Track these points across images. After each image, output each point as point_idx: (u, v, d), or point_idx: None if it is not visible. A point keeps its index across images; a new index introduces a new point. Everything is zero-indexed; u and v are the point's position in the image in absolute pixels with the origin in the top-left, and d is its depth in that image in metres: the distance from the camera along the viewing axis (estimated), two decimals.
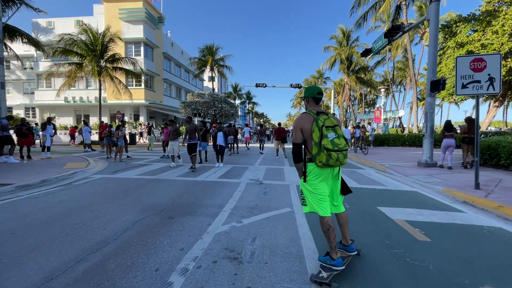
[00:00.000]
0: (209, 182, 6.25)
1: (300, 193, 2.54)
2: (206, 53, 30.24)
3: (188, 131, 8.27)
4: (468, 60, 5.56)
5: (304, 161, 2.34)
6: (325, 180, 2.31)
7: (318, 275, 2.16)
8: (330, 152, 2.13)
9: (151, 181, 6.36)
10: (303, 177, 2.35)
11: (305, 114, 2.36)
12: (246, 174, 7.53)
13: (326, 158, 2.14)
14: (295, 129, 2.34)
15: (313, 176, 2.29)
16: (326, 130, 2.20)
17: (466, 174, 7.37)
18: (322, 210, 2.28)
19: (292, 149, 2.39)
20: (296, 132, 2.33)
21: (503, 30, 15.40)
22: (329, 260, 2.24)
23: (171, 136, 8.67)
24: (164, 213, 3.93)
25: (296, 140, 2.34)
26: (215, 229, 3.28)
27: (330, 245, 2.25)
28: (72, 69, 19.90)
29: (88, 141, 14.66)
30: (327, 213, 2.28)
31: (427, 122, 8.72)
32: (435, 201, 4.89)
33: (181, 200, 4.64)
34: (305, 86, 32.86)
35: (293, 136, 2.43)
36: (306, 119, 2.30)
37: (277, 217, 3.76)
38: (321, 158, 2.16)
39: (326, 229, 2.26)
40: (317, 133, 2.19)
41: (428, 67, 8.80)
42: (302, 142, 2.33)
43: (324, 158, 2.15)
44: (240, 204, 4.41)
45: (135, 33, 25.90)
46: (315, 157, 2.19)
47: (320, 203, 2.28)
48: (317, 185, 2.29)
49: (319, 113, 2.31)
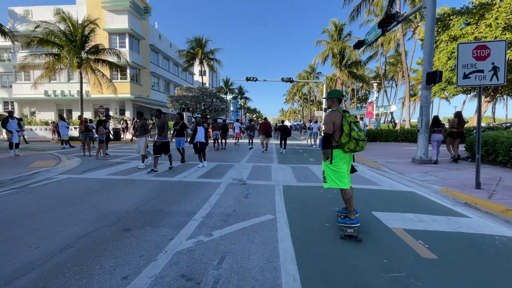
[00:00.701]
0: (186, 183, 5.61)
1: (322, 172, 3.14)
2: (194, 45, 29.16)
3: (156, 128, 7.03)
4: (470, 48, 5.05)
5: (331, 147, 2.97)
6: (346, 163, 3.01)
7: (346, 233, 2.88)
8: (358, 141, 2.83)
9: (120, 182, 5.68)
10: (328, 160, 2.98)
11: (335, 112, 2.95)
12: (230, 173, 6.92)
13: (354, 146, 2.84)
14: (327, 123, 2.93)
15: (339, 159, 2.96)
16: (353, 125, 2.85)
17: (463, 171, 6.97)
18: (344, 184, 2.95)
19: (323, 138, 2.99)
20: (329, 125, 2.92)
21: (496, 23, 15.12)
22: (348, 220, 2.96)
23: (138, 132, 7.41)
24: (122, 223, 3.28)
25: (328, 131, 2.93)
26: (176, 246, 2.66)
27: (349, 209, 2.99)
28: (50, 61, 18.67)
29: (66, 137, 13.70)
30: (347, 185, 2.97)
31: (422, 117, 8.27)
32: (435, 203, 4.40)
33: (147, 206, 3.99)
34: (297, 80, 32.24)
35: (325, 128, 2.97)
36: (337, 115, 2.91)
37: (255, 228, 3.17)
38: (350, 146, 2.85)
39: (348, 198, 2.97)
40: (347, 127, 2.83)
41: (424, 58, 8.31)
42: (332, 133, 2.92)
43: (352, 146, 2.84)
44: (215, 211, 3.80)
45: (119, 24, 24.62)
46: (345, 145, 2.86)
47: (342, 179, 2.96)
48: (341, 166, 2.97)
49: (344, 111, 2.94)
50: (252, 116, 78.98)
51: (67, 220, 3.38)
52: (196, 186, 5.37)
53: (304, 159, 10.01)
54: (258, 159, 9.75)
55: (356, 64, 32.74)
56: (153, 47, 29.62)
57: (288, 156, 10.82)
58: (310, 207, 4.05)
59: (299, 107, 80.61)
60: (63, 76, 25.67)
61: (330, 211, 3.85)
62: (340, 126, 2.87)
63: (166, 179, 5.97)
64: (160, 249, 2.60)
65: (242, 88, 60.46)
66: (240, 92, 60.65)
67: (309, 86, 59.91)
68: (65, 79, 25.65)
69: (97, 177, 6.23)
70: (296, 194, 4.84)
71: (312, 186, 5.45)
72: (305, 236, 2.95)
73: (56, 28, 18.04)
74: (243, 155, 11.23)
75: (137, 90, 26.37)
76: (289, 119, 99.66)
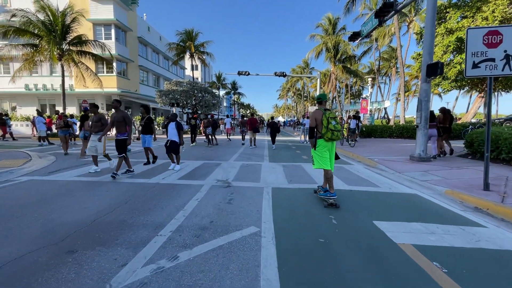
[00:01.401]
0: (162, 186, 4.96)
1: (311, 157, 4.10)
2: (185, 37, 28.07)
3: (114, 122, 5.68)
4: (481, 33, 4.51)
5: (316, 138, 3.93)
6: (328, 150, 3.91)
7: (328, 203, 3.81)
8: (333, 131, 3.75)
9: (89, 185, 5.00)
10: (314, 147, 3.96)
11: (317, 110, 3.94)
12: (215, 173, 6.30)
13: (331, 135, 3.75)
14: (311, 119, 3.94)
15: (322, 147, 3.89)
16: (331, 119, 3.77)
17: (466, 170, 6.52)
18: (327, 166, 3.88)
19: (309, 130, 3.98)
20: (312, 120, 3.92)
21: (493, 16, 14.76)
22: (329, 193, 3.87)
23: (93, 128, 6.10)
24: (68, 241, 2.64)
25: (312, 125, 3.94)
26: (126, 277, 2.04)
27: (330, 185, 3.90)
28: (28, 52, 17.50)
29: (43, 133, 12.78)
30: (329, 167, 3.89)
31: (421, 112, 7.78)
32: (442, 208, 3.89)
33: (110, 216, 3.35)
34: (290, 74, 31.61)
35: (310, 123, 3.97)
36: (318, 113, 3.88)
37: (234, 246, 2.58)
38: (327, 135, 3.77)
39: (329, 177, 3.89)
40: (326, 121, 3.76)
41: (424, 49, 7.79)
42: (315, 126, 3.91)
43: (329, 135, 3.76)
44: (189, 222, 3.18)
45: (104, 14, 23.38)
46: (324, 135, 3.79)
47: (325, 162, 3.87)
48: (324, 152, 3.89)
49: (326, 109, 3.87)
50: (245, 112, 78.13)
51: (0, 238, 2.72)
52: (174, 189, 4.74)
53: (296, 156, 9.46)
54: (248, 157, 9.14)
55: (350, 58, 32.28)
56: (142, 40, 28.43)
57: (280, 153, 10.26)
58: (301, 215, 3.48)
59: (293, 102, 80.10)
60: (45, 69, 24.36)
61: (325, 221, 3.29)
62: (321, 121, 3.81)
63: (141, 181, 5.31)
64: (103, 282, 1.98)
65: (235, 83, 59.46)
66: (234, 88, 59.61)
67: (302, 81, 59.33)
68: (47, 72, 24.34)
69: (64, 179, 5.52)
70: (287, 198, 4.27)
71: (305, 189, 4.88)
72: (295, 258, 2.37)
73: (35, 18, 16.88)
74: (233, 152, 10.61)
75: (124, 84, 25.28)
76: (283, 115, 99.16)
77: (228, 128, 17.85)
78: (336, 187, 5.02)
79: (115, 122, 5.60)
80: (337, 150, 11.38)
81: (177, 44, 28.48)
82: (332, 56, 30.05)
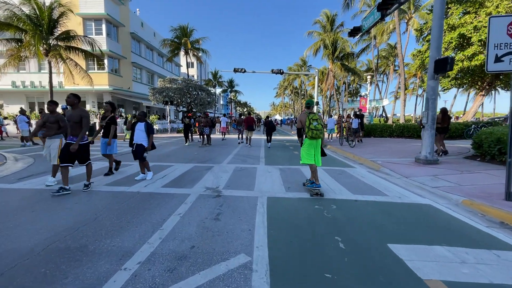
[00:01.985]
0: (143, 196, 4.35)
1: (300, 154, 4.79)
2: (179, 33, 27.27)
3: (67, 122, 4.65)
4: (506, 22, 3.96)
5: (302, 137, 4.75)
6: (312, 147, 4.59)
7: (314, 193, 4.43)
8: (313, 130, 4.41)
9: (57, 195, 4.36)
10: (301, 145, 4.77)
11: (303, 113, 4.68)
12: (205, 178, 5.70)
13: (311, 133, 4.41)
14: (298, 121, 4.74)
15: (307, 144, 4.60)
16: (312, 121, 4.44)
17: (477, 174, 6.00)
18: (311, 161, 4.57)
19: (297, 130, 4.80)
20: (299, 122, 4.72)
21: (497, 11, 14.28)
22: (315, 185, 4.55)
23: (48, 131, 4.89)
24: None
25: (298, 126, 4.74)
26: None
27: (315, 176, 4.58)
28: (13, 48, 16.65)
29: (25, 133, 12.05)
30: (313, 162, 4.57)
31: (428, 110, 7.25)
32: (464, 224, 3.35)
33: (68, 240, 2.74)
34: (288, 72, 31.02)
35: (297, 124, 4.78)
36: (303, 116, 4.62)
37: (217, 286, 2.00)
38: (309, 133, 4.45)
39: (313, 170, 4.59)
40: (308, 122, 4.46)
41: (432, 43, 7.24)
42: (301, 127, 4.70)
43: (310, 133, 4.42)
44: (164, 248, 2.59)
45: (94, 8, 22.49)
46: (307, 134, 4.48)
47: (310, 158, 4.58)
48: (310, 149, 4.59)
49: (310, 113, 4.56)
50: (242, 110, 77.38)
51: None
52: (155, 200, 4.13)
53: (294, 157, 8.89)
54: (243, 159, 8.55)
55: (348, 56, 31.74)
56: (135, 36, 27.54)
57: (276, 155, 9.69)
58: (302, 237, 2.91)
59: (290, 101, 79.52)
60: (33, 66, 23.46)
61: (330, 245, 2.72)
62: (305, 122, 4.48)
63: (120, 190, 4.69)
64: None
65: (232, 81, 58.65)
66: (231, 85, 58.81)
67: (300, 79, 58.76)
68: (35, 69, 23.43)
69: (33, 187, 4.88)
70: (284, 212, 3.70)
71: (304, 198, 4.32)
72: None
73: (18, 10, 16.03)
74: (227, 153, 10.01)
75: (116, 82, 24.45)
76: (280, 113, 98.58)
77: (223, 127, 17.36)
78: (341, 195, 4.48)
79: (70, 122, 4.50)
80: (337, 151, 10.87)
81: (171, 40, 27.68)
82: (330, 53, 29.48)
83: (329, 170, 6.76)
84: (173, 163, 7.55)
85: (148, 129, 5.57)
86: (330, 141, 14.57)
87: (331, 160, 8.60)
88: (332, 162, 8.18)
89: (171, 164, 7.38)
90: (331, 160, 8.60)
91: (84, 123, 4.50)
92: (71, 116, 4.46)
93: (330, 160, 8.57)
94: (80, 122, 4.49)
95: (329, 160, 8.67)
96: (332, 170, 6.79)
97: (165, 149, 11.18)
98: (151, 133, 5.59)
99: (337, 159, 9.01)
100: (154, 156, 8.86)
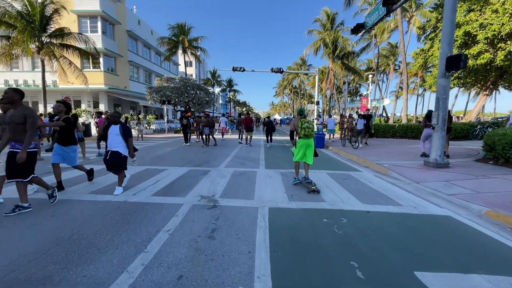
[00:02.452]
0: (129, 207, 3.89)
1: (292, 153, 5.45)
2: (177, 31, 26.74)
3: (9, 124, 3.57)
4: None
5: (295, 138, 5.39)
6: (303, 147, 5.10)
7: (310, 189, 4.77)
8: (306, 129, 4.99)
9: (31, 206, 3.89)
10: (294, 145, 5.30)
11: (296, 118, 5.24)
12: (201, 184, 5.25)
13: (304, 132, 4.99)
14: (291, 125, 5.31)
15: (299, 145, 5.12)
16: (304, 123, 5.04)
17: (494, 179, 5.58)
18: (298, 159, 5.17)
19: (290, 132, 5.37)
20: (292, 126, 5.29)
21: (503, 8, 13.86)
22: (297, 179, 5.31)
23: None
24: None
25: (292, 129, 5.33)
26: None
27: (296, 171, 5.34)
28: (4, 45, 16.12)
29: None
30: (298, 159, 5.19)
31: (438, 111, 6.82)
32: (493, 241, 2.92)
33: (30, 269, 2.28)
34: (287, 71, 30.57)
35: (290, 127, 5.38)
36: (296, 120, 5.17)
37: None
38: (302, 132, 5.00)
39: (296, 165, 5.30)
40: (300, 124, 5.03)
41: (443, 39, 6.81)
42: (294, 130, 5.27)
43: (303, 132, 4.99)
44: (145, 280, 2.13)
45: (89, 5, 21.93)
46: (300, 133, 5.03)
47: (298, 156, 5.14)
48: (301, 149, 5.11)
49: (301, 118, 5.15)
50: (242, 110, 76.90)
51: None
52: (143, 212, 3.67)
53: None
54: (242, 161, 8.10)
55: (349, 55, 31.30)
56: (131, 34, 27.00)
57: (277, 156, 9.25)
58: (312, 261, 2.46)
59: (289, 100, 79.06)
60: (27, 64, 22.91)
61: (346, 273, 2.28)
62: (297, 125, 5.09)
63: (105, 199, 4.22)
64: None
65: (231, 80, 58.13)
66: (229, 85, 58.29)
67: (299, 79, 58.32)
68: (29, 67, 22.87)
69: (9, 195, 4.40)
70: (289, 227, 3.25)
71: (311, 209, 3.87)
72: None
73: (9, 6, 15.50)
74: (226, 154, 9.56)
75: (112, 81, 23.92)
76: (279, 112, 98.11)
77: (223, 127, 17.08)
78: (350, 206, 4.04)
79: (12, 124, 3.50)
80: (339, 152, 10.47)
81: (168, 38, 27.16)
82: (331, 52, 29.02)
83: (333, 175, 6.33)
84: (168, 167, 7.09)
85: (124, 132, 4.60)
86: (331, 141, 14.13)
87: (334, 163, 8.17)
88: (336, 165, 7.75)
89: (165, 168, 6.92)
90: (334, 163, 8.17)
91: (29, 124, 3.51)
92: (12, 117, 3.48)
93: (333, 163, 8.13)
94: (23, 124, 3.51)
95: (333, 162, 8.24)
96: (337, 175, 6.35)
97: (161, 151, 10.71)
98: (128, 137, 4.66)
99: (341, 161, 8.57)
100: (147, 158, 8.40)
